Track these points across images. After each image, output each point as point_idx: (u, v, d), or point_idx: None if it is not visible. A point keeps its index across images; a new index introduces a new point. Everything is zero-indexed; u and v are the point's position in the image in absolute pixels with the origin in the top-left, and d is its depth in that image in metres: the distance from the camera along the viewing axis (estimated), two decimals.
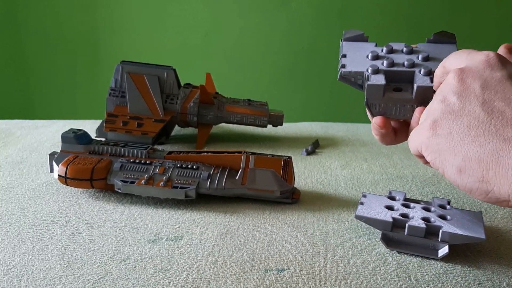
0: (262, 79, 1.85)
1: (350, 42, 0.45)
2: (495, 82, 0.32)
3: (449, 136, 0.32)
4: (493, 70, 0.32)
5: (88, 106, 1.89)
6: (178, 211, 0.49)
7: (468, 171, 0.30)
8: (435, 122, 0.33)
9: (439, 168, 0.33)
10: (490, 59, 0.33)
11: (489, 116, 0.31)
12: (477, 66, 0.33)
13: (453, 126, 0.32)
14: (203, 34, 1.81)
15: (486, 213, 0.51)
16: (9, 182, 0.56)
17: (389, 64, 0.41)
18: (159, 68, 0.73)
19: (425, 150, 0.34)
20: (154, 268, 0.38)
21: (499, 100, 0.31)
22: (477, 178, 0.30)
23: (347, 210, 0.51)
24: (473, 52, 0.35)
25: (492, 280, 0.38)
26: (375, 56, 0.43)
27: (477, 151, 0.30)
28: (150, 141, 0.69)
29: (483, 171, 0.30)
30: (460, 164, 0.31)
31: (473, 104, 0.31)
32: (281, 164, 0.51)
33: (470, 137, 0.31)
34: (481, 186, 0.30)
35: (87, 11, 1.81)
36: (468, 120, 0.31)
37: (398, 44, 0.44)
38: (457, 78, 0.33)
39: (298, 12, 1.77)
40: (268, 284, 0.36)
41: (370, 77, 0.41)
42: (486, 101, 0.31)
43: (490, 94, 0.31)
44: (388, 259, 0.40)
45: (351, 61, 0.43)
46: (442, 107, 0.33)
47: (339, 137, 0.83)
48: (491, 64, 0.33)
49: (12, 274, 0.36)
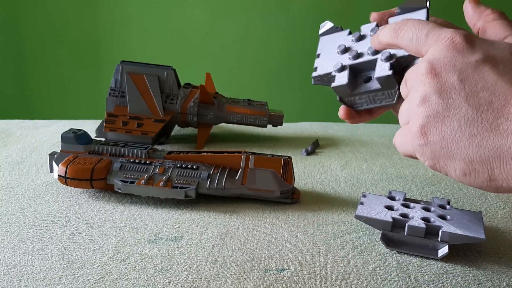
0: (262, 79, 1.85)
1: (325, 36, 0.44)
2: (471, 70, 0.30)
3: (443, 141, 0.30)
4: (464, 55, 0.30)
5: (88, 106, 1.89)
6: (178, 211, 0.49)
7: (473, 173, 0.30)
8: (423, 128, 0.31)
9: (440, 171, 0.32)
10: (456, 44, 0.31)
11: (478, 111, 0.29)
12: (446, 54, 0.31)
13: (444, 130, 0.30)
14: (203, 34, 1.81)
15: (486, 213, 0.51)
16: (9, 182, 0.56)
17: (354, 57, 0.40)
18: (159, 68, 0.73)
19: (421, 157, 0.32)
20: (154, 268, 0.38)
21: (482, 90, 0.29)
22: (484, 178, 0.29)
23: (347, 210, 0.51)
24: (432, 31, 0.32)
25: (492, 280, 0.38)
26: (343, 49, 0.41)
27: (477, 152, 0.29)
28: (150, 141, 0.69)
29: (488, 171, 0.29)
30: (464, 168, 0.30)
31: (456, 100, 0.30)
32: (281, 164, 0.51)
33: (465, 138, 0.29)
34: (490, 184, 0.29)
35: (87, 11, 1.81)
36: (457, 119, 0.29)
37: (369, 26, 0.41)
38: (431, 74, 0.31)
39: (298, 12, 1.77)
40: (268, 284, 0.36)
41: (335, 77, 0.40)
42: (469, 95, 0.29)
43: (470, 85, 0.29)
44: (388, 259, 0.40)
45: (322, 62, 0.42)
46: (425, 110, 0.31)
47: (339, 137, 0.83)
48: (459, 49, 0.30)
49: (12, 274, 0.36)
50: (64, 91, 1.92)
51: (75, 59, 1.87)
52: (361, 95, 0.40)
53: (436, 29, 0.32)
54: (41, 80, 1.91)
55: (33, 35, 1.84)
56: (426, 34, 0.32)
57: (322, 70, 0.41)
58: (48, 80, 1.91)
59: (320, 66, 0.42)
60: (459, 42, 0.31)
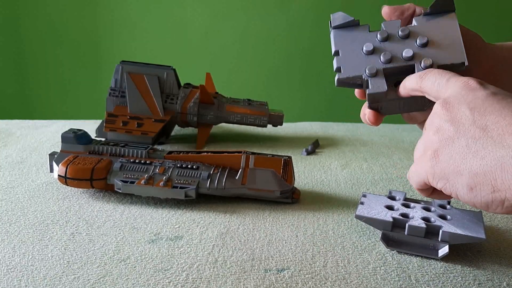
0: (262, 79, 1.85)
1: (340, 30, 0.42)
2: (481, 101, 0.32)
3: (451, 159, 0.32)
4: (475, 92, 0.33)
5: (88, 106, 1.89)
6: (178, 211, 0.49)
7: (478, 186, 0.31)
8: (435, 152, 0.33)
9: (451, 193, 0.33)
10: (470, 83, 0.34)
11: (484, 131, 0.31)
12: (459, 92, 0.34)
13: (453, 149, 0.32)
14: (203, 34, 1.81)
15: (486, 213, 0.51)
16: (9, 182, 0.56)
17: (387, 60, 0.39)
18: (159, 68, 0.73)
19: (432, 179, 0.34)
20: (154, 268, 0.38)
21: (490, 114, 0.31)
22: (488, 191, 0.30)
23: (347, 210, 0.51)
24: (452, 77, 0.35)
25: (492, 280, 0.38)
26: (371, 50, 0.39)
27: (480, 164, 0.30)
28: (150, 141, 0.69)
29: (491, 182, 0.30)
30: (469, 182, 0.31)
31: (466, 125, 0.32)
32: (281, 164, 0.51)
33: (470, 154, 0.31)
34: (495, 196, 0.30)
35: (87, 11, 1.81)
36: (465, 139, 0.32)
37: (393, 24, 0.40)
38: (445, 109, 0.33)
39: (298, 12, 1.77)
40: (268, 284, 0.36)
41: (369, 82, 0.38)
42: (477, 119, 0.32)
43: (479, 112, 0.32)
44: (388, 259, 0.40)
45: (345, 62, 0.40)
46: (439, 137, 0.33)
47: (339, 137, 0.83)
48: (472, 88, 0.33)
49: (12, 274, 0.36)
50: (64, 91, 1.92)
51: (75, 59, 1.87)
52: (393, 101, 0.39)
53: (456, 76, 0.35)
54: (41, 80, 1.91)
55: (33, 35, 1.84)
56: (447, 79, 0.35)
57: (350, 72, 0.39)
58: (48, 80, 1.91)
59: (346, 68, 0.39)
60: (472, 83, 0.34)
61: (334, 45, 0.41)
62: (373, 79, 0.38)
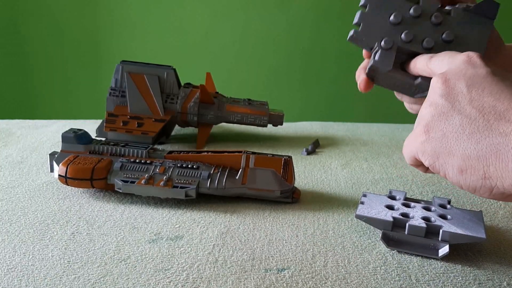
0: (262, 79, 1.85)
1: None
2: (480, 79, 0.31)
3: (444, 138, 0.31)
4: (475, 68, 0.32)
5: (88, 106, 1.89)
6: (179, 210, 0.49)
7: (469, 170, 0.30)
8: (426, 126, 0.33)
9: (439, 171, 0.32)
10: (471, 58, 0.33)
11: (480, 113, 0.30)
12: (459, 66, 0.33)
13: (446, 127, 0.32)
14: (203, 33, 1.81)
15: (487, 213, 0.51)
16: (9, 182, 0.56)
17: (407, 40, 0.37)
18: (159, 68, 0.73)
19: (422, 155, 0.33)
20: (155, 267, 0.38)
21: (488, 96, 0.31)
22: (479, 176, 0.30)
23: (347, 209, 0.51)
24: (454, 54, 0.35)
25: (492, 280, 0.38)
26: (398, 22, 0.37)
27: (475, 148, 0.30)
28: (150, 140, 0.69)
29: (483, 168, 0.29)
30: (460, 164, 0.31)
31: (462, 103, 0.31)
32: (281, 164, 0.51)
33: (465, 135, 0.30)
34: (484, 183, 0.30)
35: (87, 11, 1.80)
36: (460, 119, 0.31)
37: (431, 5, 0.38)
38: (441, 81, 0.33)
39: (298, 12, 1.77)
40: (269, 284, 0.36)
41: (378, 53, 0.37)
42: (474, 99, 0.31)
43: (477, 91, 0.31)
44: (388, 259, 0.40)
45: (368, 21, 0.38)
46: (431, 111, 0.33)
47: (339, 137, 0.83)
48: (473, 63, 0.33)
49: (12, 274, 0.36)
50: (64, 91, 1.92)
51: (76, 59, 1.87)
52: (392, 78, 0.38)
53: (458, 53, 0.35)
54: (42, 80, 1.91)
55: (33, 35, 1.84)
56: (450, 56, 0.35)
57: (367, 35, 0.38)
58: (48, 80, 1.91)
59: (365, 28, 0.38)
60: (473, 57, 0.33)
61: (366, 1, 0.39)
62: (384, 52, 0.38)
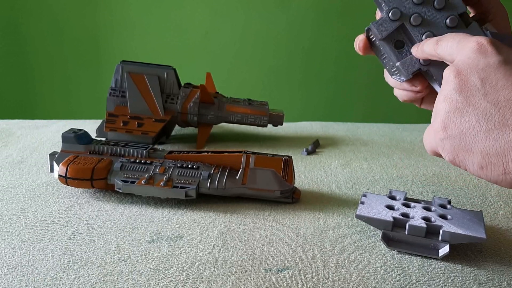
0: (262, 79, 1.85)
1: None
2: (493, 70, 0.31)
3: (462, 135, 0.32)
4: (487, 57, 0.32)
5: (88, 106, 1.89)
6: (179, 210, 0.49)
7: (489, 166, 0.31)
8: (443, 123, 0.33)
9: (460, 166, 0.33)
10: (481, 46, 0.32)
11: (496, 107, 0.30)
12: (470, 56, 0.32)
13: (463, 124, 0.32)
14: (203, 33, 1.81)
15: (487, 213, 0.51)
16: (9, 182, 0.56)
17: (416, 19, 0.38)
18: (159, 68, 0.73)
19: (442, 151, 0.34)
20: (155, 267, 0.38)
21: (503, 89, 0.30)
22: (499, 172, 0.30)
23: (347, 209, 0.51)
24: (464, 39, 0.34)
25: (492, 280, 0.38)
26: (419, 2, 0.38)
27: (493, 145, 0.30)
28: (150, 141, 0.69)
29: (503, 164, 0.30)
30: (480, 161, 0.31)
31: (476, 97, 0.31)
32: (281, 164, 0.51)
33: (482, 132, 0.30)
34: (505, 178, 0.30)
35: (87, 11, 1.80)
36: (476, 115, 0.31)
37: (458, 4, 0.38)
38: (453, 74, 0.32)
39: (298, 12, 1.77)
40: (269, 284, 0.36)
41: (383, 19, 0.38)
42: (489, 93, 0.31)
43: (491, 83, 0.31)
44: (388, 259, 0.40)
45: None
46: (446, 106, 0.33)
47: (339, 137, 0.83)
48: (483, 51, 0.32)
49: (12, 274, 0.36)
50: (64, 91, 1.92)
51: (76, 59, 1.87)
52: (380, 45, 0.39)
53: (467, 37, 0.34)
54: (42, 80, 1.91)
55: (33, 35, 1.84)
56: (458, 41, 0.34)
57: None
58: (48, 80, 1.91)
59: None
60: (484, 45, 0.32)
61: None
62: (388, 20, 0.38)
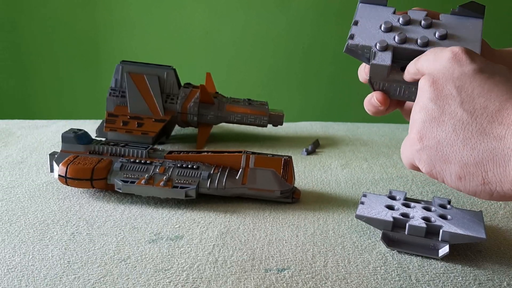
0: (262, 79, 1.85)
1: (366, 5, 0.42)
2: (468, 79, 0.31)
3: (438, 146, 0.31)
4: (462, 65, 0.31)
5: (88, 106, 1.89)
6: (179, 210, 0.49)
7: (468, 176, 0.30)
8: (419, 133, 0.32)
9: (437, 178, 0.32)
10: (456, 54, 0.32)
11: (472, 116, 0.30)
12: (445, 65, 0.32)
13: (439, 133, 0.31)
14: (203, 33, 1.81)
15: (487, 213, 0.51)
16: (9, 182, 0.56)
17: (401, 40, 0.38)
18: (159, 68, 0.73)
19: (419, 163, 0.33)
20: (155, 267, 0.38)
21: (479, 96, 0.30)
22: (478, 182, 0.30)
23: (347, 209, 0.51)
24: (439, 50, 0.34)
25: (492, 280, 0.38)
26: (389, 28, 0.39)
27: (471, 155, 0.29)
28: (150, 141, 0.69)
29: (482, 174, 0.29)
30: (458, 171, 0.30)
31: (452, 106, 0.30)
32: (281, 164, 0.51)
33: (459, 141, 0.30)
34: (484, 188, 0.30)
35: (87, 10, 1.80)
36: (452, 124, 0.30)
37: (419, 13, 0.40)
38: (428, 84, 0.32)
39: (298, 12, 1.77)
40: (269, 284, 0.36)
41: (376, 54, 0.38)
42: (465, 101, 0.30)
43: (467, 92, 0.30)
44: (388, 259, 0.40)
45: (361, 31, 0.40)
46: (422, 116, 0.32)
47: (339, 137, 0.83)
48: (458, 60, 0.32)
49: (12, 274, 0.36)
50: (64, 91, 1.92)
51: (75, 59, 1.87)
52: (393, 82, 0.38)
53: (444, 48, 0.34)
54: (42, 80, 1.91)
55: (33, 35, 1.84)
56: (435, 53, 0.34)
57: (362, 40, 0.39)
58: (48, 80, 1.91)
59: (359, 36, 0.40)
60: (458, 54, 0.32)
61: (356, 16, 0.42)
62: (380, 53, 0.38)
